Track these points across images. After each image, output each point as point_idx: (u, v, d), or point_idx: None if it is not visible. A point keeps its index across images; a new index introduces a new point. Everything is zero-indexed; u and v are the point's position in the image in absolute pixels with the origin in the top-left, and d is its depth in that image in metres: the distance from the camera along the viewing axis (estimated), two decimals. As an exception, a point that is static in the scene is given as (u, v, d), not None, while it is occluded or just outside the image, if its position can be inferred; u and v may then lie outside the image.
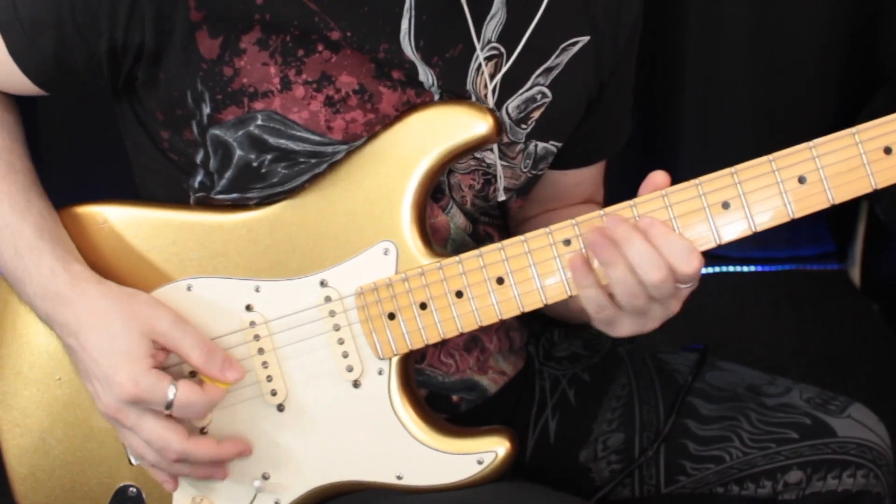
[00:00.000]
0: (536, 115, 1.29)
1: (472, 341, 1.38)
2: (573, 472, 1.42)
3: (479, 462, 1.21)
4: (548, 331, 1.53)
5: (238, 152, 1.20)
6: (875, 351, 2.49)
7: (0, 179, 1.23)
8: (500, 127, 1.19)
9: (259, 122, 1.19)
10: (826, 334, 2.55)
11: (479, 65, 1.23)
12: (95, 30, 1.17)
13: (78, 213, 1.28)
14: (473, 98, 1.24)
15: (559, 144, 1.34)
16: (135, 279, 1.25)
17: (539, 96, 1.28)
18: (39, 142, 1.35)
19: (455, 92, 1.23)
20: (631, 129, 1.47)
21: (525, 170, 1.32)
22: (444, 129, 1.19)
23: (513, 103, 1.27)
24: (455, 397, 1.37)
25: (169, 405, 1.15)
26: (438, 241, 1.27)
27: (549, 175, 1.40)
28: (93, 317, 1.18)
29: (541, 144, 1.32)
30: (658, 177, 1.13)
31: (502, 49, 1.24)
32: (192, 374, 1.22)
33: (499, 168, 1.29)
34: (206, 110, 1.19)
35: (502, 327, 1.42)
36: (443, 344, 1.34)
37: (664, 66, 2.59)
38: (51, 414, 1.28)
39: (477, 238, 1.33)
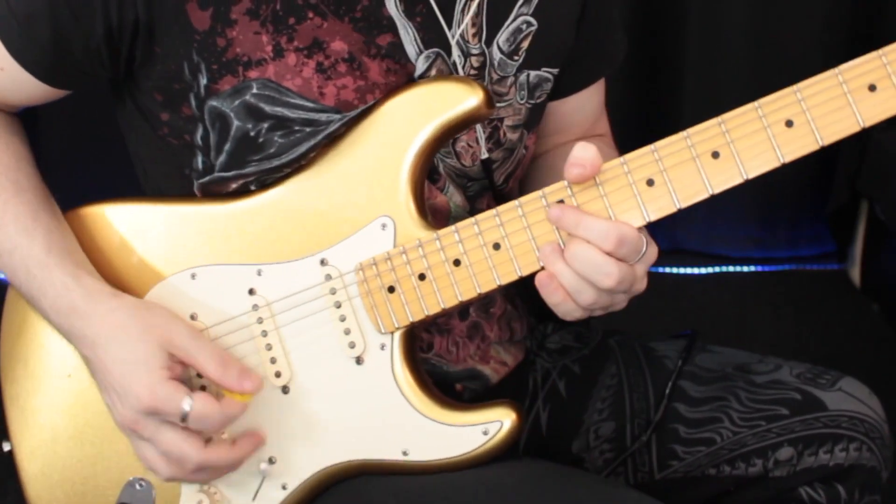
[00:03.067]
0: (525, 44, 1.30)
1: (474, 328, 1.38)
2: (566, 463, 1.41)
3: (485, 433, 1.21)
4: (541, 323, 1.53)
5: (236, 123, 1.21)
6: (875, 351, 2.49)
7: (6, 201, 1.24)
8: (490, 100, 1.20)
9: (254, 90, 1.20)
10: (826, 334, 2.55)
11: (465, 5, 1.25)
12: (90, 13, 1.17)
13: (80, 214, 1.29)
14: (459, 39, 1.25)
15: (554, 70, 1.35)
16: (141, 272, 1.26)
17: (525, 26, 1.29)
18: (39, 143, 1.35)
19: (440, 42, 1.24)
20: (626, 46, 1.47)
21: (522, 101, 1.33)
22: (436, 104, 1.20)
23: (501, 37, 1.28)
24: (458, 385, 1.37)
25: (184, 416, 1.15)
26: (440, 222, 1.28)
27: (550, 106, 1.41)
28: (109, 329, 1.18)
29: (533, 73, 1.32)
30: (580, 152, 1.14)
31: None
32: (203, 389, 1.23)
33: (478, 128, 1.30)
34: (203, 81, 1.20)
35: (503, 317, 1.42)
36: (448, 331, 1.35)
37: (664, 66, 2.59)
38: (61, 411, 1.28)
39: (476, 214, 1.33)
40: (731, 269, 2.74)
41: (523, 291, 1.49)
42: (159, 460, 1.19)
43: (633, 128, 2.48)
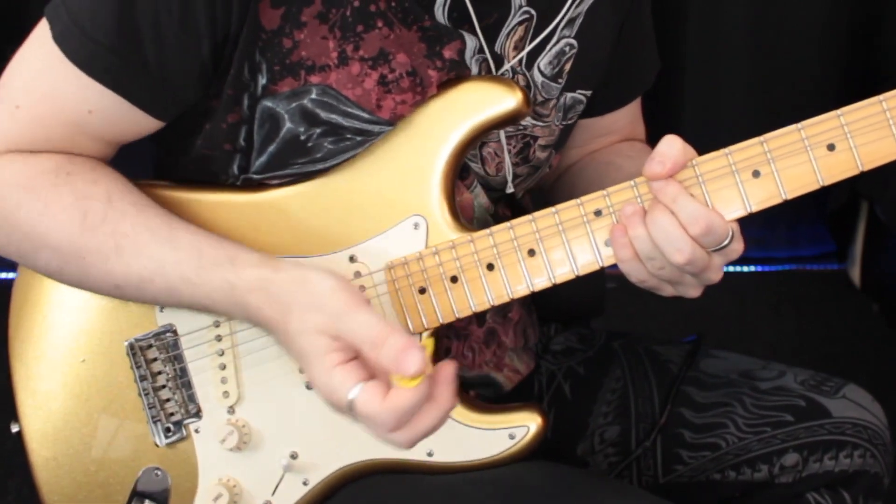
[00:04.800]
0: (568, 66, 1.30)
1: (491, 335, 1.38)
2: (571, 466, 1.41)
3: (511, 437, 1.21)
4: (545, 325, 1.53)
5: (287, 125, 1.20)
6: (875, 351, 2.50)
7: (135, 219, 1.16)
8: (528, 101, 1.19)
9: (313, 95, 1.18)
10: (826, 334, 2.56)
11: (511, 31, 1.24)
12: (196, 36, 1.13)
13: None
14: (507, 63, 1.25)
15: (587, 93, 1.35)
16: None
17: (567, 48, 1.29)
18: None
19: (493, 57, 1.24)
20: (659, 65, 1.48)
21: (558, 123, 1.33)
22: (473, 104, 1.19)
23: (543, 60, 1.28)
24: (472, 392, 1.37)
25: (352, 414, 1.05)
26: (464, 221, 1.27)
27: (583, 120, 1.41)
28: (276, 320, 1.11)
29: (569, 95, 1.33)
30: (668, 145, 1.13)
31: (533, 11, 1.25)
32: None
33: (506, 157, 1.30)
34: (262, 81, 1.18)
35: (519, 323, 1.43)
36: (466, 337, 1.35)
37: (664, 66, 2.59)
38: (74, 396, 1.27)
39: (497, 220, 1.33)
40: (731, 269, 2.74)
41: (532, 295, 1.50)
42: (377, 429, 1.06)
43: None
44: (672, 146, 1.12)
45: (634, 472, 1.41)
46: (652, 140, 1.58)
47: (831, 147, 1.12)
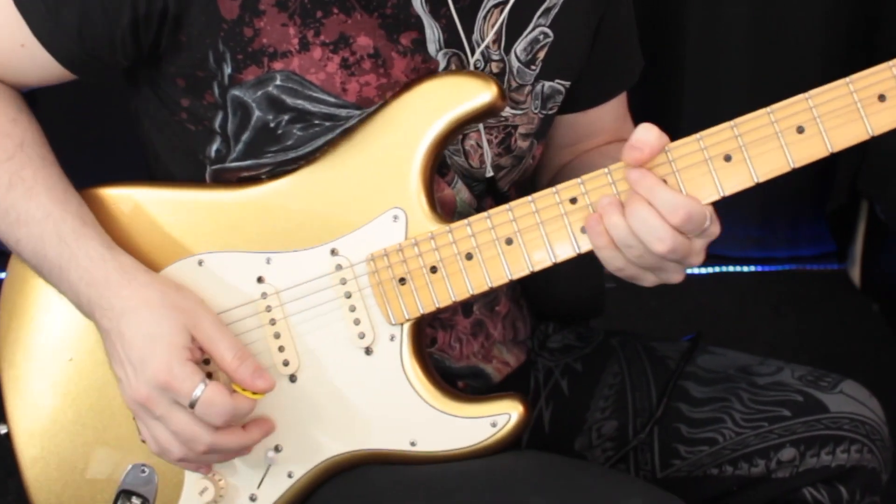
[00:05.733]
0: (541, 55, 1.31)
1: (478, 326, 1.38)
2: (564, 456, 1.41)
3: (493, 425, 1.21)
4: (542, 323, 1.53)
5: (256, 113, 1.22)
6: (875, 351, 2.50)
7: (36, 172, 1.23)
8: (503, 95, 1.20)
9: (278, 82, 1.20)
10: (826, 334, 2.55)
11: (487, 13, 1.25)
12: (117, 2, 1.18)
13: (88, 196, 1.28)
14: (481, 46, 1.26)
15: (566, 83, 1.35)
16: (148, 256, 1.25)
17: (542, 37, 1.30)
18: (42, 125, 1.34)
19: (460, 44, 1.25)
20: (642, 62, 1.48)
21: (536, 111, 1.34)
22: (450, 97, 1.20)
23: (519, 46, 1.29)
24: (461, 383, 1.37)
25: (194, 401, 1.14)
26: (445, 216, 1.28)
27: (569, 117, 1.42)
28: (139, 302, 1.18)
29: (547, 84, 1.33)
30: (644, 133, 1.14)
31: None
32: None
33: (485, 144, 1.30)
34: (227, 70, 1.20)
35: (508, 316, 1.43)
36: (452, 327, 1.35)
37: (664, 65, 2.59)
38: (61, 395, 1.28)
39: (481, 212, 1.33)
40: (731, 269, 2.74)
41: (527, 291, 1.50)
42: (170, 440, 1.18)
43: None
44: (649, 132, 1.13)
45: (632, 467, 1.41)
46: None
47: (800, 130, 1.13)
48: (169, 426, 1.17)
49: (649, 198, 1.12)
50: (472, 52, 1.26)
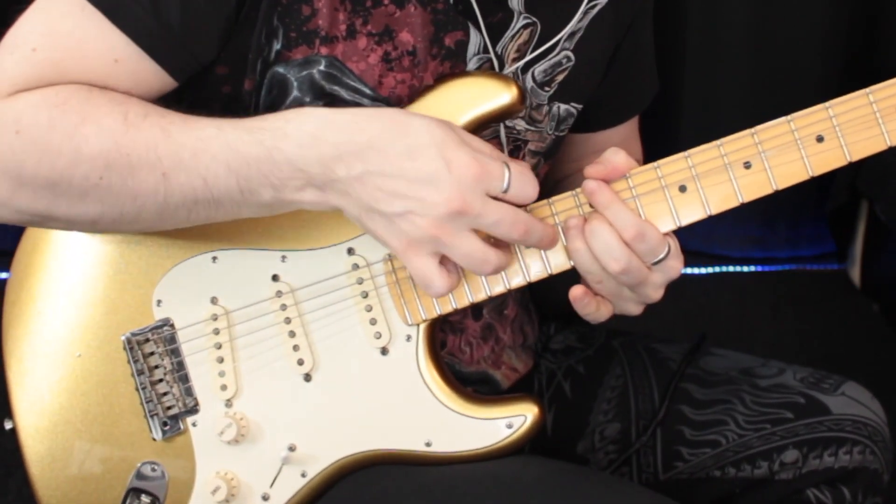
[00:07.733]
0: (560, 78, 1.31)
1: (488, 330, 1.38)
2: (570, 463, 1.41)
3: (509, 426, 1.21)
4: (544, 324, 1.54)
5: (294, 93, 1.19)
6: (875, 351, 2.50)
7: (173, 114, 1.12)
8: (523, 97, 1.20)
9: (322, 66, 1.19)
10: (826, 334, 2.55)
11: (516, 33, 1.25)
12: None
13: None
14: (507, 67, 1.26)
15: (579, 106, 1.36)
16: (161, 251, 1.24)
17: (564, 60, 1.30)
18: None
19: (496, 57, 1.25)
20: (657, 87, 1.50)
21: (550, 132, 1.34)
22: (470, 98, 1.20)
23: (539, 68, 1.29)
24: (469, 389, 1.36)
25: (508, 182, 1.08)
26: None
27: (580, 135, 1.43)
28: (386, 125, 1.08)
29: (563, 106, 1.34)
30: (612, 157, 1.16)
31: (535, 19, 1.26)
32: None
33: (502, 134, 1.30)
34: (276, 46, 1.18)
35: (516, 320, 1.43)
36: (462, 331, 1.35)
37: (664, 65, 2.59)
38: (69, 391, 1.27)
39: None
40: (731, 269, 2.74)
41: (532, 293, 1.50)
42: (482, 247, 1.09)
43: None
44: (616, 154, 1.16)
45: (634, 469, 1.41)
46: (650, 140, 1.58)
47: (747, 166, 1.16)
48: (489, 220, 1.08)
49: (605, 213, 1.14)
50: (501, 66, 1.26)
